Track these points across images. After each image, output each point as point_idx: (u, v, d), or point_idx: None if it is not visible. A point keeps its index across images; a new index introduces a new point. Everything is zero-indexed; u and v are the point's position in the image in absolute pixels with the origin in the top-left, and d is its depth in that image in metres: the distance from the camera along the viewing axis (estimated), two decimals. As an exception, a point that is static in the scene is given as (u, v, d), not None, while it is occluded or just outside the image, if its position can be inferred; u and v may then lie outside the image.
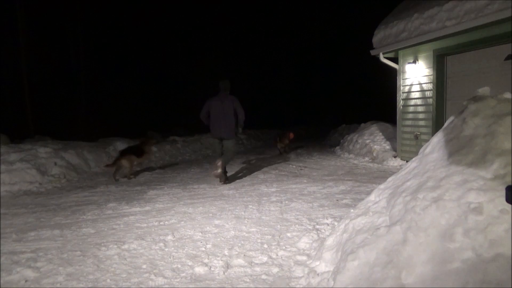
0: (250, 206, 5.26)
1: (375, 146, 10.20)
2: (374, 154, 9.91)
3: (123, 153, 8.03)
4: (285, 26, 30.98)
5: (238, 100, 7.11)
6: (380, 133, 10.97)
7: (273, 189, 6.44)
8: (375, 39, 9.32)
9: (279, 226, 4.31)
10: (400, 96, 9.18)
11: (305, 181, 7.15)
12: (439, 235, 2.19)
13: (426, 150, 3.08)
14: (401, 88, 9.14)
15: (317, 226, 4.21)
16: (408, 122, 8.95)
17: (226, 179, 7.26)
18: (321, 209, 5.01)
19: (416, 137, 8.60)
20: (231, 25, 27.84)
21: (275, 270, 3.13)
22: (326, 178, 7.36)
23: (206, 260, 3.34)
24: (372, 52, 9.45)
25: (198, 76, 27.27)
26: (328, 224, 4.27)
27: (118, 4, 21.34)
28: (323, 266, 2.95)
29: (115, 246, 3.71)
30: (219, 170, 6.85)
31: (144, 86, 24.19)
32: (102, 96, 21.36)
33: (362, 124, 12.75)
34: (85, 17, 20.40)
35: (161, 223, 4.56)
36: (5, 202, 6.04)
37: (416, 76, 8.65)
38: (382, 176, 7.42)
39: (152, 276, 3.05)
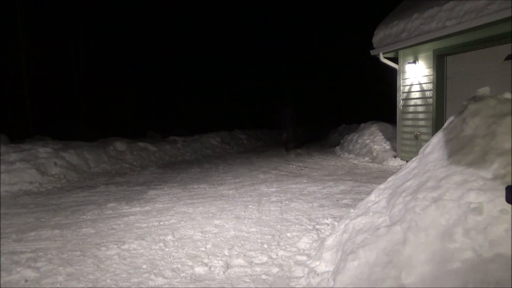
0: (250, 206, 5.27)
1: (375, 146, 10.20)
2: (374, 154, 9.91)
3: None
4: (284, 26, 30.99)
5: (295, 112, 13.12)
6: (380, 133, 10.96)
7: (273, 189, 6.44)
8: (375, 39, 9.32)
9: (279, 226, 4.32)
10: (400, 96, 9.18)
11: (305, 181, 7.15)
12: (439, 235, 2.19)
13: (426, 150, 3.08)
14: (401, 88, 9.14)
15: (317, 226, 4.22)
16: (408, 122, 8.95)
17: (289, 150, 13.00)
18: (321, 209, 5.01)
19: (416, 137, 8.60)
20: (231, 26, 27.84)
21: (275, 270, 3.13)
22: (326, 178, 7.36)
23: (206, 260, 3.35)
24: (372, 52, 9.45)
25: (198, 76, 27.30)
26: (328, 224, 4.27)
27: (118, 4, 21.35)
28: (323, 266, 2.96)
29: (115, 246, 3.72)
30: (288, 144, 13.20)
31: (144, 86, 24.19)
32: (102, 96, 21.37)
33: (362, 124, 12.73)
34: (85, 17, 20.40)
35: (161, 223, 4.56)
36: (5, 202, 6.04)
37: (416, 76, 8.65)
38: (382, 176, 7.42)
39: (152, 276, 3.05)
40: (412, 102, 8.80)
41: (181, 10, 25.31)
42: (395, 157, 9.23)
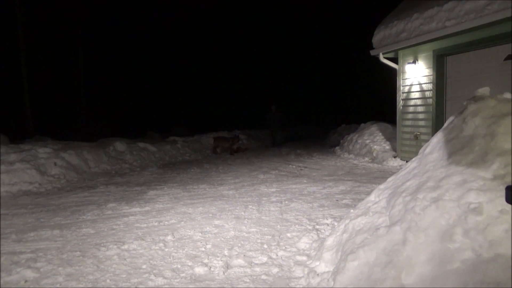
0: (250, 206, 5.26)
1: (375, 146, 10.20)
2: (374, 154, 9.91)
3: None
4: (285, 26, 30.97)
5: (281, 112, 15.37)
6: (380, 133, 10.96)
7: (273, 189, 6.44)
8: (375, 39, 9.32)
9: (279, 226, 4.31)
10: (400, 96, 9.18)
11: (305, 181, 7.15)
12: (439, 235, 2.19)
13: (426, 150, 3.08)
14: (401, 88, 9.14)
15: (317, 226, 4.22)
16: (408, 122, 8.95)
17: (275, 146, 15.29)
18: (321, 209, 5.01)
19: (416, 137, 8.60)
20: (230, 26, 27.84)
21: (275, 270, 3.13)
22: (326, 178, 7.36)
23: (206, 261, 3.34)
24: (372, 52, 9.45)
25: (198, 76, 27.30)
26: (328, 224, 4.27)
27: (118, 4, 21.35)
28: (323, 266, 2.95)
29: (115, 247, 3.71)
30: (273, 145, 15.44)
31: (144, 86, 24.20)
32: (102, 96, 21.38)
33: (362, 124, 12.73)
34: (85, 17, 20.40)
35: (161, 223, 4.56)
36: (5, 203, 6.04)
37: (416, 76, 8.65)
38: (382, 176, 7.42)
39: (152, 277, 3.05)
40: (412, 102, 8.80)
41: (182, 10, 25.31)
42: (395, 157, 9.23)
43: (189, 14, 25.72)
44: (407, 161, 7.93)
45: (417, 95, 8.65)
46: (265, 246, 3.67)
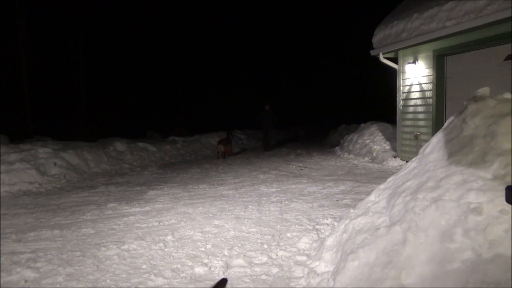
0: (250, 207, 5.26)
1: (375, 146, 10.20)
2: (374, 154, 9.91)
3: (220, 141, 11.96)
4: (285, 26, 30.98)
5: (274, 111, 13.73)
6: (380, 133, 10.96)
7: (273, 189, 6.44)
8: (375, 39, 9.31)
9: (279, 226, 4.32)
10: (400, 96, 9.17)
11: (305, 181, 7.15)
12: (439, 235, 2.19)
13: (426, 150, 3.08)
14: (401, 88, 9.13)
15: (317, 226, 4.22)
16: (408, 122, 8.95)
17: (268, 150, 13.67)
18: (321, 209, 5.01)
19: (416, 137, 8.59)
20: (231, 26, 27.85)
21: (275, 270, 3.13)
22: (326, 178, 7.36)
23: (206, 260, 3.35)
24: (372, 52, 9.45)
25: (198, 76, 27.30)
26: (328, 224, 4.27)
27: (118, 5, 21.35)
28: (323, 266, 2.96)
29: (115, 247, 3.71)
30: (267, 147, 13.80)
31: (144, 87, 24.20)
32: (102, 96, 21.38)
33: (362, 124, 12.74)
34: (85, 18, 20.40)
35: (161, 223, 4.56)
36: (5, 202, 6.04)
37: (416, 76, 8.65)
38: (382, 176, 7.41)
39: (152, 277, 3.05)
40: (412, 102, 8.80)
41: (182, 11, 25.32)
42: (395, 157, 9.23)
43: (189, 14, 25.72)
44: (407, 161, 7.93)
45: (417, 95, 8.65)
46: (265, 246, 3.67)
